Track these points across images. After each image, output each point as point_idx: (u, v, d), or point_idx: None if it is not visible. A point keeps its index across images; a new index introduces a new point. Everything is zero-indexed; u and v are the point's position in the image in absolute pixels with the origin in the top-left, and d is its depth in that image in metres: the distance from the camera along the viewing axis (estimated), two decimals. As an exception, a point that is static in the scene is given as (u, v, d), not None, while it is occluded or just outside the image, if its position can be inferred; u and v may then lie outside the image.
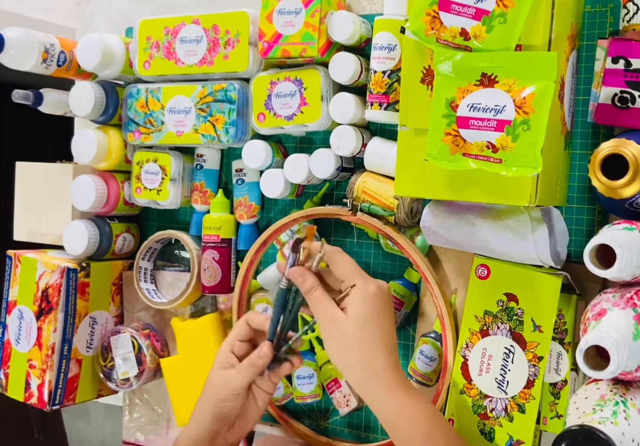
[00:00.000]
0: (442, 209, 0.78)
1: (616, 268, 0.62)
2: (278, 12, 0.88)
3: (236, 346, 0.79)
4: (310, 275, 0.72)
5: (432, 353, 0.85)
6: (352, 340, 0.69)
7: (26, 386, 1.00)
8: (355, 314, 0.69)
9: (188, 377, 1.00)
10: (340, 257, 0.72)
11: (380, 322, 0.70)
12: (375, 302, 0.70)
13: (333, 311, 0.70)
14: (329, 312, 0.70)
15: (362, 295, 0.69)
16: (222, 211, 0.99)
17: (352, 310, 0.69)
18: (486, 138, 0.65)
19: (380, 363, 0.69)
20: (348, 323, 0.69)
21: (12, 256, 1.04)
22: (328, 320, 0.70)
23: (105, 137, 1.01)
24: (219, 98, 0.94)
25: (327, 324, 0.70)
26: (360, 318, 0.69)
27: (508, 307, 0.78)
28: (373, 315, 0.69)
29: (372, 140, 0.87)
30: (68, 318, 1.00)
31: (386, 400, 0.69)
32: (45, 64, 0.97)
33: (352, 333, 0.69)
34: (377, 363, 0.69)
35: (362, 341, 0.69)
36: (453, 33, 0.67)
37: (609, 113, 0.72)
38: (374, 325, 0.69)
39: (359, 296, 0.70)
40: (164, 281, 1.05)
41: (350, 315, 0.69)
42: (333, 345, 0.70)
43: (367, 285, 0.70)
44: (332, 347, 0.70)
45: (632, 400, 0.64)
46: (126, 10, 1.12)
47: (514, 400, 0.77)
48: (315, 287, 0.71)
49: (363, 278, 0.71)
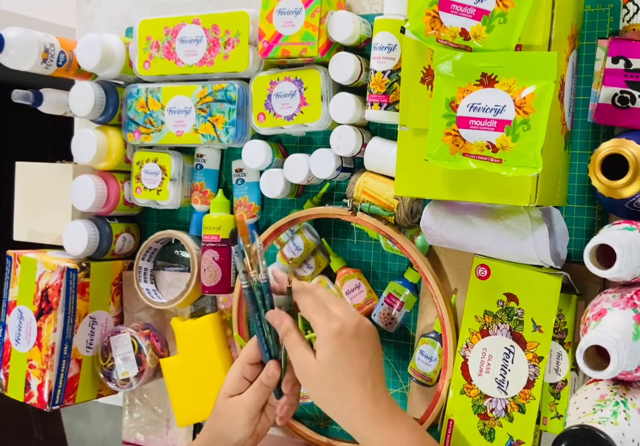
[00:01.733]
0: (442, 209, 0.78)
1: (616, 268, 0.62)
2: (278, 12, 0.88)
3: (247, 370, 0.76)
4: (286, 318, 0.72)
5: (432, 353, 0.85)
6: (325, 382, 0.69)
7: (26, 386, 1.00)
8: (322, 356, 0.69)
9: (188, 377, 1.00)
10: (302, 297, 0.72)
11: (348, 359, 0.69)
12: (338, 341, 0.69)
13: (305, 355, 0.70)
14: (302, 356, 0.70)
15: (325, 335, 0.69)
16: (222, 211, 0.99)
17: (319, 353, 0.70)
18: (486, 138, 0.65)
19: (357, 399, 0.69)
20: (318, 366, 0.69)
21: (12, 256, 1.04)
22: (302, 364, 0.70)
23: (105, 137, 1.01)
24: (219, 98, 0.94)
25: (301, 368, 0.71)
26: (327, 360, 0.69)
27: (508, 307, 0.78)
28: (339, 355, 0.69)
29: (372, 140, 0.87)
30: (68, 318, 1.00)
31: (368, 433, 0.69)
32: (45, 64, 0.97)
33: (323, 376, 0.69)
34: (353, 399, 0.69)
35: (334, 383, 0.69)
36: (453, 33, 0.67)
37: (609, 114, 0.72)
38: (343, 364, 0.69)
39: (321, 336, 0.70)
40: (164, 281, 1.05)
41: (319, 357, 0.69)
42: (309, 387, 0.71)
43: (329, 324, 0.70)
44: (309, 389, 0.71)
45: (632, 400, 0.64)
46: (126, 10, 1.12)
47: (514, 400, 0.77)
48: (291, 330, 0.72)
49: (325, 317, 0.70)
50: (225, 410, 0.76)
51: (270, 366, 0.74)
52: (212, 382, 0.98)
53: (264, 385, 0.74)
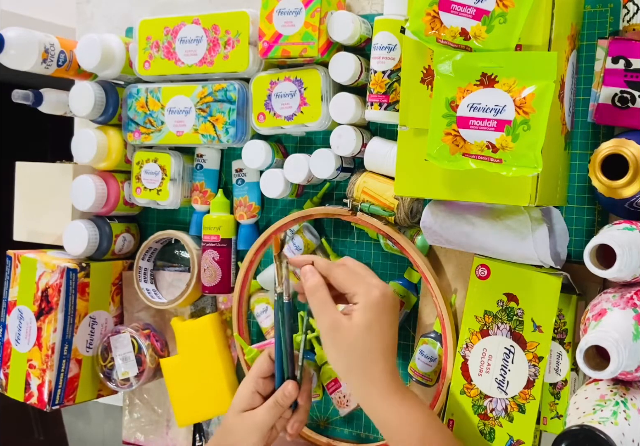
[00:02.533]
0: (442, 209, 0.78)
1: (616, 268, 0.62)
2: (278, 12, 0.88)
3: (260, 384, 0.76)
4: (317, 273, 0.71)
5: (432, 353, 0.85)
6: (354, 346, 0.68)
7: (26, 386, 1.00)
8: (358, 321, 0.68)
9: (188, 377, 1.00)
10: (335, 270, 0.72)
11: (382, 329, 0.70)
12: (377, 308, 0.69)
13: (336, 315, 0.69)
14: (333, 316, 0.69)
15: (365, 301, 0.69)
16: (222, 211, 0.99)
17: (356, 317, 0.69)
18: (486, 138, 0.65)
19: (379, 369, 0.69)
20: (351, 329, 0.68)
21: (12, 256, 1.04)
22: (330, 325, 0.69)
23: (105, 137, 1.01)
24: (219, 98, 0.94)
25: (329, 329, 0.69)
26: (364, 326, 0.68)
27: (508, 307, 0.78)
28: (376, 322, 0.69)
29: (372, 140, 0.87)
30: (68, 318, 1.00)
31: (382, 405, 0.69)
32: (45, 64, 0.97)
33: (354, 340, 0.68)
34: (375, 369, 0.69)
35: (363, 348, 0.68)
36: (453, 33, 0.67)
37: (609, 113, 0.72)
38: (376, 333, 0.69)
39: (362, 303, 0.69)
40: (164, 281, 1.05)
41: (354, 321, 0.68)
42: (333, 349, 0.70)
43: (371, 291, 0.70)
44: (332, 352, 0.70)
45: (632, 400, 0.64)
46: (126, 10, 1.12)
47: (514, 400, 0.77)
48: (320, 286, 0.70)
49: (365, 285, 0.70)
50: (237, 427, 0.75)
51: (289, 386, 0.73)
52: (212, 382, 0.98)
53: (279, 405, 0.74)
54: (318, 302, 0.70)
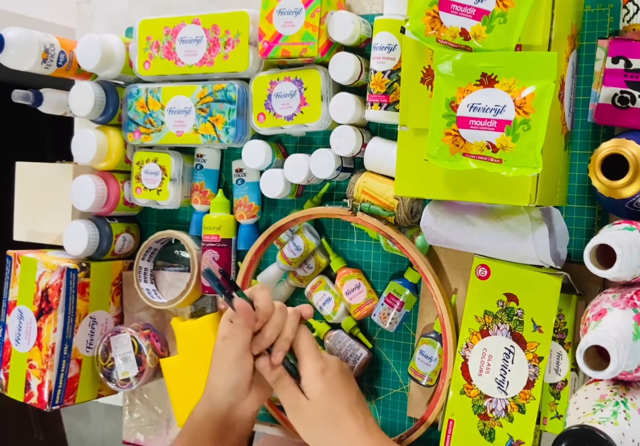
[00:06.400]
0: (442, 209, 0.78)
1: (616, 268, 0.62)
2: (278, 12, 0.88)
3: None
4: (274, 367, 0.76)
5: (432, 353, 0.85)
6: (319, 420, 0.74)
7: (26, 386, 1.00)
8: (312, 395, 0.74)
9: (188, 377, 1.00)
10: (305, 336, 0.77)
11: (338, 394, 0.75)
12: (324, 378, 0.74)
13: (297, 399, 0.75)
14: (294, 397, 0.75)
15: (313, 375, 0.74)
16: (222, 211, 0.99)
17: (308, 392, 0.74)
18: (486, 138, 0.65)
19: (352, 431, 0.74)
20: (310, 407, 0.74)
21: (12, 256, 1.04)
22: (294, 408, 0.75)
23: (105, 137, 1.01)
24: (219, 98, 0.94)
25: (293, 412, 0.75)
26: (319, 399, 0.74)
27: (508, 307, 0.78)
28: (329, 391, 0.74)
29: (372, 140, 0.87)
30: (68, 318, 1.00)
31: None
32: (45, 64, 0.97)
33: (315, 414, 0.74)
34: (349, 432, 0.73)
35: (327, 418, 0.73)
36: (453, 33, 0.67)
37: (609, 113, 0.72)
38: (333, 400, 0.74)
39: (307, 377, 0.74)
40: (164, 281, 1.05)
41: (309, 397, 0.74)
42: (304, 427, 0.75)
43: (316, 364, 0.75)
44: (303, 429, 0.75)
45: (632, 400, 0.64)
46: (126, 10, 1.12)
47: (514, 400, 0.77)
48: (281, 377, 0.76)
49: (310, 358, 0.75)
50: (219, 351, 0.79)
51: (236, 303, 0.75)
52: (212, 382, 0.98)
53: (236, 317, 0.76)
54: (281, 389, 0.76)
